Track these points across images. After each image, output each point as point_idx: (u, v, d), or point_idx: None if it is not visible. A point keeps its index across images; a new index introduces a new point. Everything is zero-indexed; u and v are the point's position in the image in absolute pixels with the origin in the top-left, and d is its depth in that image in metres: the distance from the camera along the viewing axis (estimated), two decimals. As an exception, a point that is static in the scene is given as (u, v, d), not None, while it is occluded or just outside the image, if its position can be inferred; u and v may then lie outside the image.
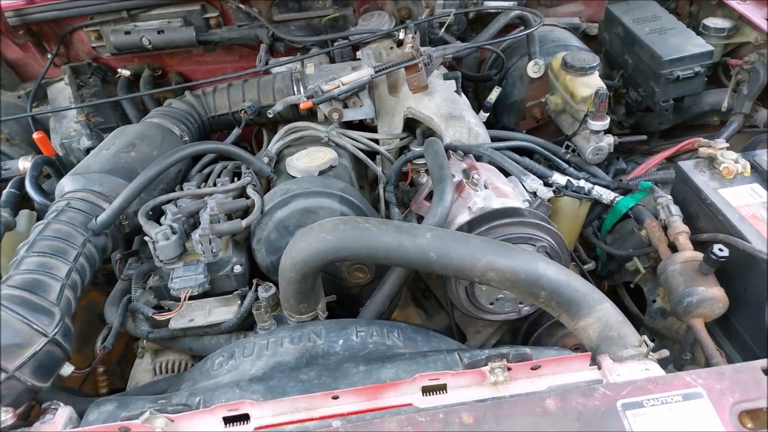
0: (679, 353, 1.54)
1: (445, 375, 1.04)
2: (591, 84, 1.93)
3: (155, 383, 1.53)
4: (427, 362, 1.14)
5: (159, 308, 1.56)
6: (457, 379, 1.05)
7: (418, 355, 1.16)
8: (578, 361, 1.07)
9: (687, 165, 1.61)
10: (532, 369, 1.05)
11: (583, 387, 0.98)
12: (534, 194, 1.61)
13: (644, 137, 2.12)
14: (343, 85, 1.79)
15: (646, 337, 1.14)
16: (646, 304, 1.84)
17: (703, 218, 1.53)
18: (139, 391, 1.52)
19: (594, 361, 1.09)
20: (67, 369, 1.30)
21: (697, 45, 1.98)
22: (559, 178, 1.82)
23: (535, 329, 1.61)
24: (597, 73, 1.98)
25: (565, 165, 1.93)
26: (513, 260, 1.20)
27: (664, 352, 1.14)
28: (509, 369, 1.05)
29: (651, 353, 1.12)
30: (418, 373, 1.11)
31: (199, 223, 1.51)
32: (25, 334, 1.16)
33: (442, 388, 1.05)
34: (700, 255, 1.42)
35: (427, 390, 1.04)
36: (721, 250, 1.32)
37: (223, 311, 1.51)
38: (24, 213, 1.97)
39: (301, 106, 1.80)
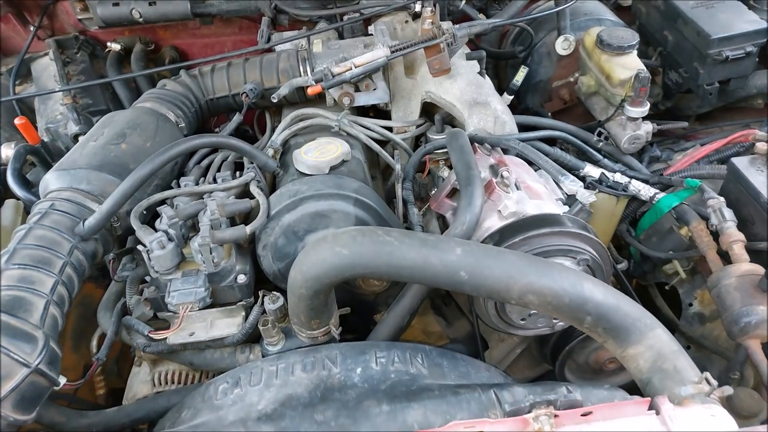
0: (725, 371, 1.41)
1: (482, 423, 0.91)
2: (630, 65, 1.75)
3: (154, 399, 1.41)
4: (459, 401, 1.00)
5: (155, 318, 1.43)
6: (496, 426, 0.91)
7: (448, 392, 1.03)
8: (634, 406, 0.94)
9: (741, 162, 1.45)
10: (582, 415, 0.92)
11: (645, 445, 0.85)
12: (572, 197, 1.45)
13: (685, 124, 1.94)
14: (355, 67, 1.61)
15: (708, 374, 1.00)
16: (680, 305, 1.70)
17: (759, 224, 1.38)
18: (137, 408, 1.40)
19: (650, 404, 0.95)
20: (59, 380, 1.18)
21: (750, 21, 1.78)
22: (592, 171, 1.66)
23: (566, 342, 1.48)
24: (636, 52, 1.80)
25: (599, 155, 1.76)
26: (556, 282, 1.06)
27: (727, 390, 1.00)
28: (556, 416, 0.92)
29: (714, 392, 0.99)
30: (449, 414, 0.99)
31: (198, 226, 1.36)
32: (5, 366, 1.02)
33: (478, 436, 0.92)
34: (759, 268, 1.27)
35: (461, 439, 0.91)
36: (787, 266, 1.17)
37: (226, 324, 1.37)
38: (10, 203, 1.82)
39: (309, 91, 1.62)
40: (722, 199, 1.42)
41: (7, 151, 1.71)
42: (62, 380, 1.17)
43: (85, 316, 1.83)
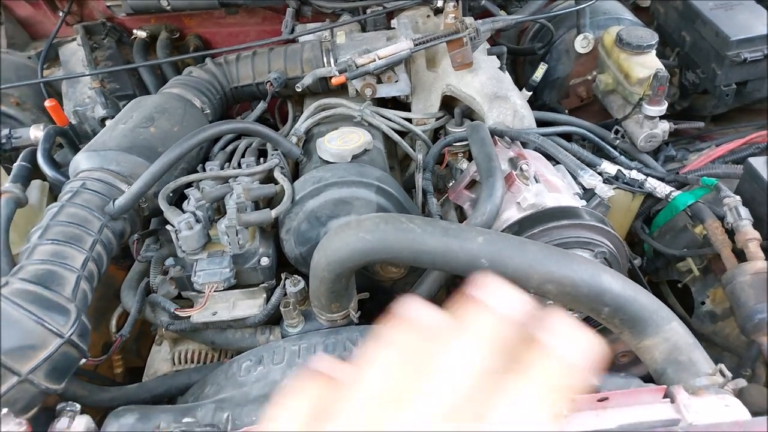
0: (737, 368, 1.42)
1: (500, 404, 0.93)
2: (648, 64, 1.77)
3: (175, 376, 1.45)
4: (477, 384, 1.03)
5: (180, 297, 1.47)
6: (513, 408, 0.94)
7: (466, 375, 1.05)
8: (650, 394, 0.96)
9: (758, 162, 1.46)
10: (598, 401, 0.95)
11: (659, 429, 0.87)
12: (590, 190, 1.47)
13: (701, 124, 1.95)
14: (379, 59, 1.64)
15: (723, 366, 1.02)
16: (692, 304, 1.72)
17: (774, 223, 1.40)
18: (158, 384, 1.44)
19: (666, 392, 0.98)
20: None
21: (770, 24, 1.80)
22: (609, 167, 1.68)
23: (579, 334, 1.50)
24: (654, 52, 1.81)
25: (615, 152, 1.78)
26: (575, 272, 1.08)
27: (741, 382, 1.03)
28: (573, 400, 0.94)
29: (728, 384, 1.01)
30: (468, 396, 1.02)
31: (224, 208, 1.40)
32: (39, 335, 1.06)
33: (496, 416, 0.94)
34: (773, 266, 1.29)
35: (478, 418, 0.94)
36: (801, 264, 1.19)
37: (248, 305, 1.41)
38: (35, 183, 1.87)
39: (333, 81, 1.65)
40: (738, 197, 1.44)
41: (36, 133, 1.75)
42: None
43: (105, 296, 1.88)
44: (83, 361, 1.20)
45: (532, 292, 1.14)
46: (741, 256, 1.41)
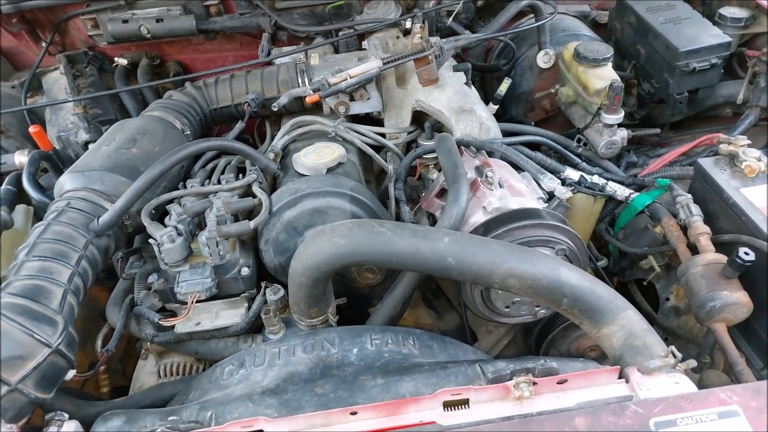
0: (696, 356, 1.50)
1: (467, 390, 1.00)
2: (605, 76, 1.88)
3: (160, 387, 1.49)
4: (447, 375, 1.10)
5: (163, 310, 1.51)
6: (480, 393, 1.01)
7: (437, 367, 1.12)
8: (606, 374, 1.03)
9: (707, 162, 1.57)
10: (558, 383, 1.02)
11: (613, 404, 0.94)
12: (551, 194, 1.56)
13: (658, 130, 2.07)
14: (350, 77, 1.73)
15: (674, 348, 1.10)
16: (658, 301, 1.81)
17: (723, 218, 1.49)
18: (144, 396, 1.48)
19: (621, 374, 1.05)
20: (69, 373, 1.25)
21: (715, 36, 1.92)
22: (572, 173, 1.77)
23: (549, 331, 1.58)
24: (610, 64, 1.93)
25: (578, 159, 1.88)
26: (535, 267, 1.16)
27: (692, 363, 1.10)
28: (534, 383, 1.01)
29: (679, 364, 1.09)
30: (438, 386, 1.08)
31: (205, 223, 1.46)
32: (28, 346, 1.11)
33: (464, 402, 1.01)
34: (722, 257, 1.38)
35: (448, 405, 1.00)
36: (746, 254, 1.28)
37: (230, 314, 1.47)
38: (20, 208, 1.91)
39: (308, 99, 1.74)
40: (689, 195, 1.54)
41: (21, 158, 1.81)
42: (72, 372, 1.26)
43: (90, 317, 1.91)
44: (71, 373, 1.24)
45: (497, 287, 1.21)
46: (695, 250, 1.50)
